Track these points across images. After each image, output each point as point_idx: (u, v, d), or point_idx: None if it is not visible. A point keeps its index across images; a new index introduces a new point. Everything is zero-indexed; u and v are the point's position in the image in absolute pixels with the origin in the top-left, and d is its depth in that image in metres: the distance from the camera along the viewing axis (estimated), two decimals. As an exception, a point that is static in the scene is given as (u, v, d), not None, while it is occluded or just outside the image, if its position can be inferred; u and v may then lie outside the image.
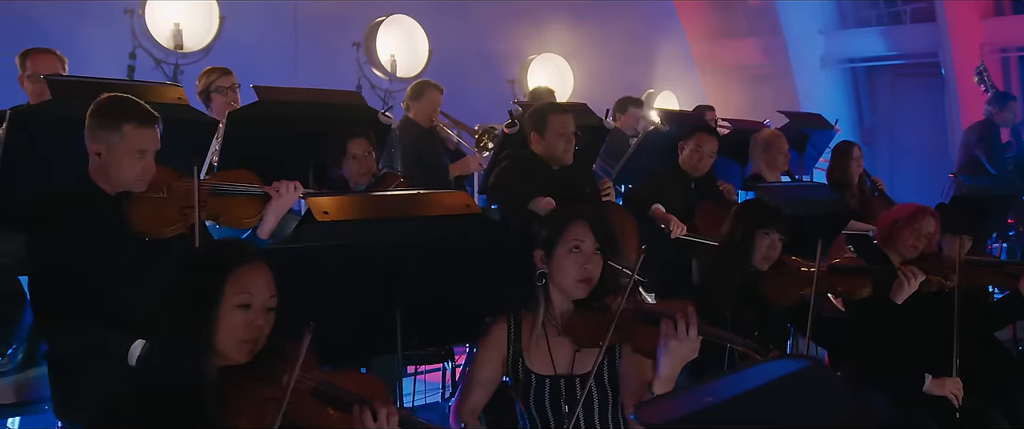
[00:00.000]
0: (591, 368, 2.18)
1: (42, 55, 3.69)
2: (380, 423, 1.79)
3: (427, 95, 4.82)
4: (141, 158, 2.50)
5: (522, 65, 8.08)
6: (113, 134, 2.47)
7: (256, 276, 1.80)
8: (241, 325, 1.76)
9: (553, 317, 2.30)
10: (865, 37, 10.41)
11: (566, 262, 2.26)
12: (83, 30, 5.97)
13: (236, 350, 1.78)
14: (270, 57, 6.77)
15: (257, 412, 1.73)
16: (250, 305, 1.77)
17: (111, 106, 2.49)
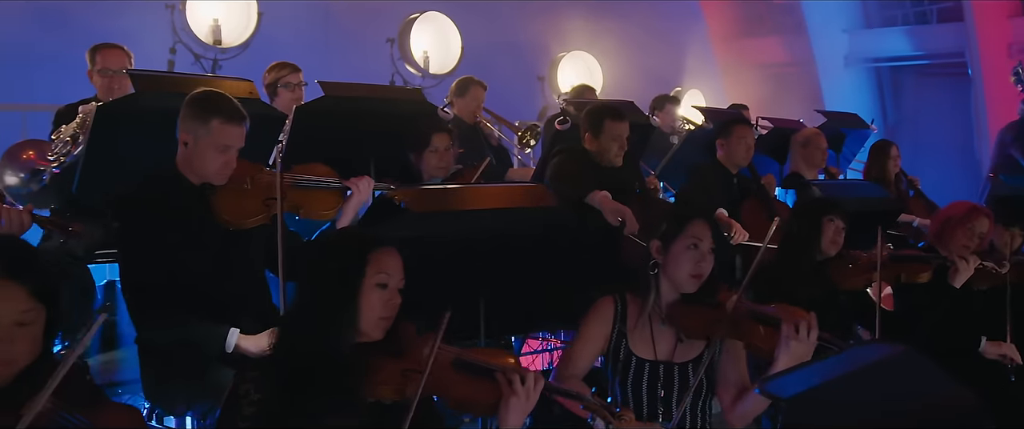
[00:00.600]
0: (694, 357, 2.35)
1: (111, 50, 3.81)
2: (528, 387, 1.91)
3: (471, 91, 4.93)
4: (223, 153, 2.61)
5: (552, 62, 8.18)
6: (201, 127, 2.58)
7: (391, 258, 1.92)
8: (379, 304, 1.89)
9: (660, 305, 2.42)
10: (890, 36, 10.47)
11: (683, 257, 2.38)
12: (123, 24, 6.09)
13: (375, 327, 1.90)
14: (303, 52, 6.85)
15: (399, 384, 1.87)
16: (387, 285, 1.90)
17: (203, 100, 2.61)
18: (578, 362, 2.44)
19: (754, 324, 2.36)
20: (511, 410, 1.92)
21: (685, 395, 2.32)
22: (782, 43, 10.67)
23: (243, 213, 2.66)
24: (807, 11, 10.49)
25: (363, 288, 1.88)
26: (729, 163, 4.53)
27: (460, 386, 1.97)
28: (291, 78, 4.10)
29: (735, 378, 2.43)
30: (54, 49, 5.68)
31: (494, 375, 1.96)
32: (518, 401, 1.91)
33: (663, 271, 2.43)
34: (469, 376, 1.98)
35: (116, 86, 3.70)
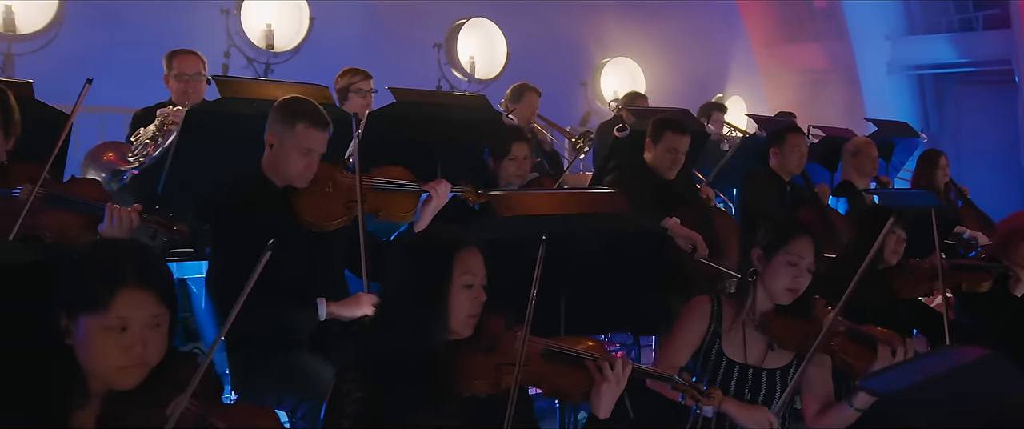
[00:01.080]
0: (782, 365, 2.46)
1: (187, 56, 3.98)
2: (618, 372, 2.02)
3: (527, 98, 5.05)
4: (306, 156, 2.74)
5: (595, 68, 8.30)
6: (287, 130, 2.72)
7: (475, 258, 2.03)
8: (467, 303, 2.00)
9: (754, 312, 2.51)
10: (934, 44, 10.42)
11: (782, 271, 2.47)
12: (179, 28, 6.30)
13: (464, 325, 2.02)
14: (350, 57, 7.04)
15: (494, 378, 1.98)
16: (473, 285, 2.00)
17: (291, 104, 2.75)
18: (677, 355, 2.53)
19: (848, 342, 2.45)
20: (603, 395, 2.04)
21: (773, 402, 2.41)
22: (823, 49, 10.66)
23: (326, 215, 2.79)
24: (849, 17, 10.48)
25: (451, 290, 1.99)
26: (782, 171, 4.61)
27: (552, 376, 2.08)
28: (362, 85, 4.26)
29: (821, 391, 2.51)
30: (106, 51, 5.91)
31: (583, 362, 2.08)
32: (609, 386, 2.03)
33: (761, 279, 2.51)
34: (559, 365, 2.09)
35: (191, 90, 3.86)
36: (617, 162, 3.85)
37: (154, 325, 1.64)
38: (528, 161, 3.71)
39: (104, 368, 1.62)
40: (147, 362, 1.64)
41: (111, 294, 1.60)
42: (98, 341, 1.60)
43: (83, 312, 1.60)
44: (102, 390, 1.65)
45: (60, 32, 5.82)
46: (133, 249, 1.69)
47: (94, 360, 1.62)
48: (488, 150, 3.65)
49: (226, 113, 3.06)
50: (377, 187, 2.90)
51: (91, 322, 1.60)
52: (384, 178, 2.93)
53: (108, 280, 1.61)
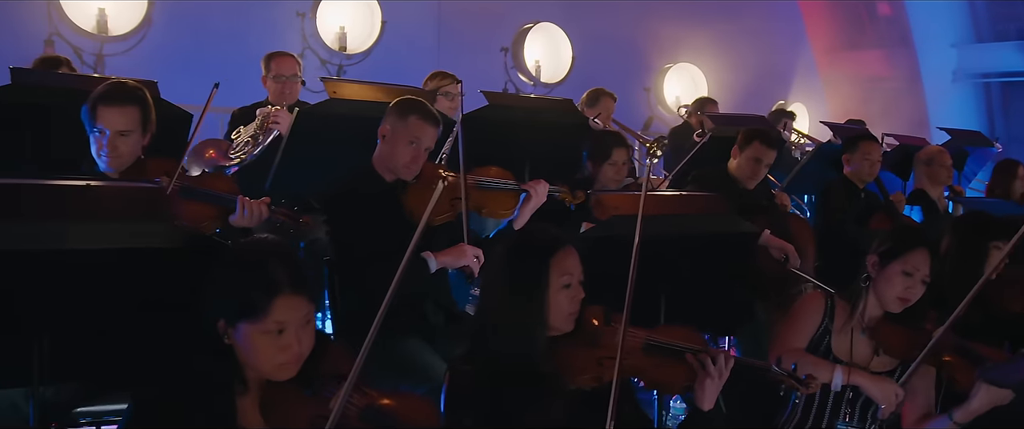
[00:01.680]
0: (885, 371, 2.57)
1: (284, 58, 4.21)
2: (719, 366, 2.13)
3: (602, 102, 5.20)
4: (413, 147, 2.92)
5: (658, 73, 8.42)
6: (400, 121, 2.91)
7: (572, 258, 2.12)
8: (565, 302, 2.10)
9: (864, 316, 2.62)
10: (1002, 51, 10.34)
11: (895, 280, 2.57)
12: (256, 30, 6.58)
13: (564, 322, 2.12)
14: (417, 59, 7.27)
15: (596, 371, 2.10)
16: (570, 284, 2.10)
17: (408, 100, 2.96)
18: (796, 339, 2.64)
19: (960, 359, 2.54)
20: (706, 389, 2.14)
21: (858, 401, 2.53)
22: (886, 56, 10.62)
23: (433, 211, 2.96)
24: (914, 24, 10.43)
25: (550, 292, 2.08)
26: (856, 178, 4.70)
27: (652, 368, 2.19)
28: (450, 88, 4.44)
29: (923, 400, 2.62)
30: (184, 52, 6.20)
31: (684, 355, 2.19)
32: (712, 381, 2.13)
33: (873, 285, 2.61)
34: (660, 358, 2.19)
35: (287, 91, 4.09)
36: (699, 172, 3.97)
37: (305, 323, 1.77)
38: (626, 166, 3.87)
39: (263, 365, 1.75)
40: (302, 356, 1.78)
41: (269, 302, 1.71)
42: (257, 343, 1.72)
43: (242, 320, 1.72)
44: (259, 379, 1.80)
45: (147, 34, 6.12)
46: (285, 256, 1.79)
47: (253, 359, 1.74)
48: (587, 153, 3.82)
49: (334, 114, 3.25)
50: (481, 186, 3.07)
51: (250, 328, 1.71)
52: (487, 177, 3.10)
53: (266, 290, 1.71)
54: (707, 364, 2.14)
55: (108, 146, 2.69)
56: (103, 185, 2.06)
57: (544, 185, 3.11)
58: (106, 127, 2.68)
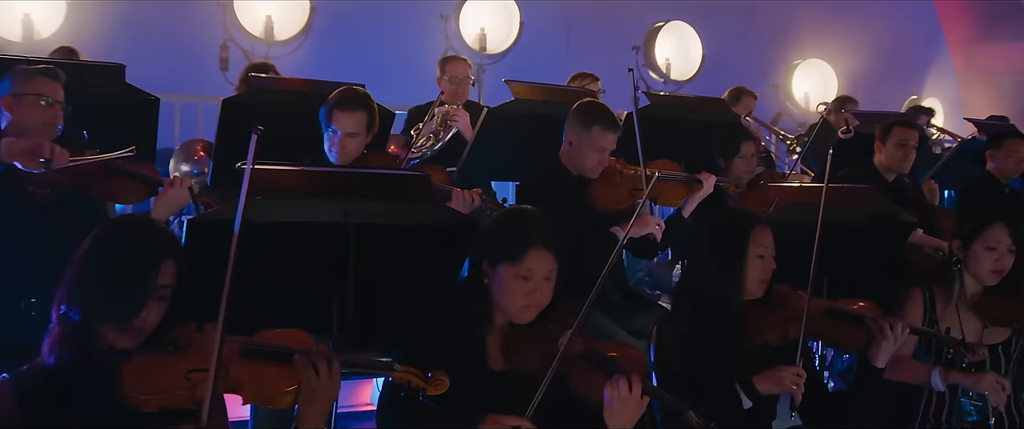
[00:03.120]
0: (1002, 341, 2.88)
1: (458, 62, 4.77)
2: (896, 333, 2.58)
3: (743, 100, 5.57)
4: (599, 153, 3.39)
5: (787, 69, 8.69)
6: (584, 131, 3.39)
7: (767, 235, 2.60)
8: (760, 270, 2.58)
9: (965, 296, 2.95)
10: None
11: (982, 256, 2.88)
12: (404, 31, 7.22)
13: (757, 288, 2.60)
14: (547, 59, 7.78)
15: (783, 330, 2.59)
16: (764, 255, 2.59)
17: (589, 108, 3.42)
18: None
19: None
20: (881, 350, 2.60)
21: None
22: (1027, 49, 10.50)
23: (614, 201, 3.45)
24: (1059, 16, 10.27)
25: (747, 260, 2.57)
26: (1000, 175, 4.91)
27: (831, 329, 2.68)
28: (592, 86, 4.90)
29: None
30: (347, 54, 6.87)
31: (864, 321, 2.63)
32: (888, 344, 2.58)
33: (965, 266, 2.93)
34: (840, 322, 2.68)
35: (461, 91, 4.64)
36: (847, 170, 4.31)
37: (549, 278, 2.24)
38: (755, 158, 4.22)
39: (511, 305, 2.23)
40: (542, 305, 2.24)
41: (525, 251, 2.19)
42: (509, 285, 2.20)
43: (502, 262, 2.21)
44: (504, 322, 2.28)
45: (307, 38, 6.83)
46: (542, 220, 2.29)
47: (504, 299, 2.22)
48: (719, 151, 4.21)
49: (519, 113, 3.77)
50: (659, 177, 3.51)
51: (506, 270, 2.20)
52: (662, 170, 3.55)
53: (523, 240, 2.21)
54: (884, 329, 2.58)
55: (338, 145, 3.26)
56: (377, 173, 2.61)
57: (712, 177, 3.55)
58: (338, 128, 3.26)
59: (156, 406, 1.81)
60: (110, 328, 1.81)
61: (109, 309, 1.80)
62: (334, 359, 1.89)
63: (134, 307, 1.81)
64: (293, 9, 6.70)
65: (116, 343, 1.83)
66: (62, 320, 1.81)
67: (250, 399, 1.92)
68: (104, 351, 1.82)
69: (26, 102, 2.92)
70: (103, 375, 1.79)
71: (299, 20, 6.74)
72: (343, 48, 6.88)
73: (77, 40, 6.05)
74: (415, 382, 2.00)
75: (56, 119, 2.97)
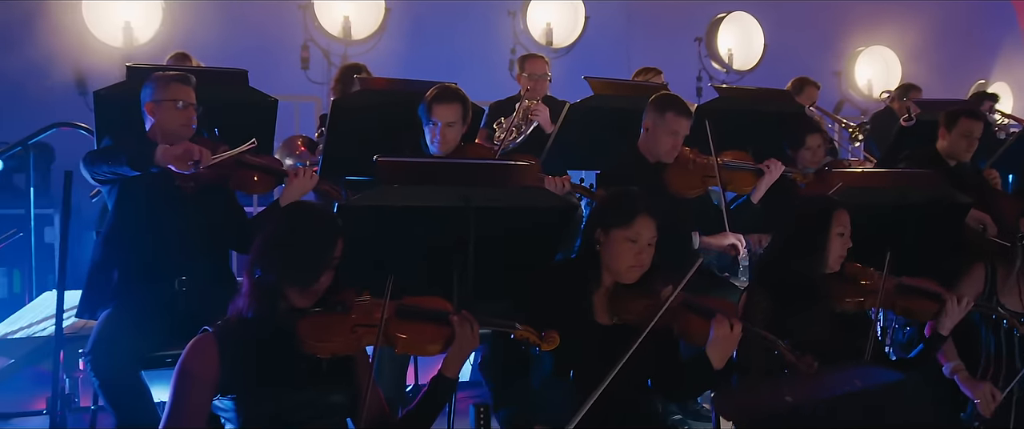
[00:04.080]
0: None
1: (537, 60, 5.23)
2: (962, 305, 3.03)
3: (806, 90, 5.92)
4: (673, 137, 3.82)
5: (849, 56, 8.96)
6: (659, 117, 3.82)
7: (846, 215, 3.03)
8: (839, 247, 3.02)
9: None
10: None
11: None
12: (470, 28, 7.69)
13: (836, 263, 3.04)
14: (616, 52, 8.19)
15: (860, 299, 3.02)
16: (844, 234, 3.02)
17: (664, 97, 3.87)
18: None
19: None
20: (948, 317, 3.04)
21: None
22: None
23: (688, 187, 3.87)
24: None
25: (829, 238, 3.00)
26: (1061, 158, 5.22)
27: (904, 301, 3.13)
28: (656, 79, 5.31)
29: None
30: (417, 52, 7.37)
31: (938, 297, 3.07)
32: (954, 313, 3.02)
33: None
34: (912, 296, 3.12)
35: (539, 87, 5.09)
36: (910, 152, 4.66)
37: (651, 243, 2.74)
38: (821, 149, 4.59)
39: (619, 266, 2.72)
40: (645, 266, 2.74)
41: (633, 217, 2.70)
42: (619, 247, 2.70)
43: (614, 227, 2.71)
44: (610, 282, 2.77)
45: (382, 38, 7.35)
46: (644, 194, 2.80)
47: (614, 260, 2.72)
48: (786, 142, 4.58)
49: (598, 107, 4.21)
50: (727, 166, 3.93)
51: (617, 234, 2.70)
52: (731, 158, 3.96)
53: (632, 208, 2.72)
54: (952, 302, 3.02)
55: (440, 135, 3.73)
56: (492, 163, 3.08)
57: (779, 165, 3.94)
58: (438, 120, 3.73)
59: (328, 353, 2.30)
60: (294, 291, 2.30)
61: (295, 276, 2.29)
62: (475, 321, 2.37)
63: (315, 275, 2.30)
64: (369, 10, 7.21)
65: (297, 303, 2.31)
66: (257, 283, 2.30)
67: (403, 349, 2.41)
68: (287, 309, 2.31)
69: (165, 107, 3.41)
70: (286, 327, 2.28)
71: (375, 20, 7.25)
72: (416, 47, 7.39)
73: (172, 43, 6.67)
74: (532, 339, 2.46)
75: (191, 120, 3.46)
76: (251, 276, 2.31)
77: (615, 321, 2.75)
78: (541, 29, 7.84)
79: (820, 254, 3.01)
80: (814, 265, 3.01)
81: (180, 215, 3.39)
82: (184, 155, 3.20)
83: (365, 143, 3.93)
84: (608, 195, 2.85)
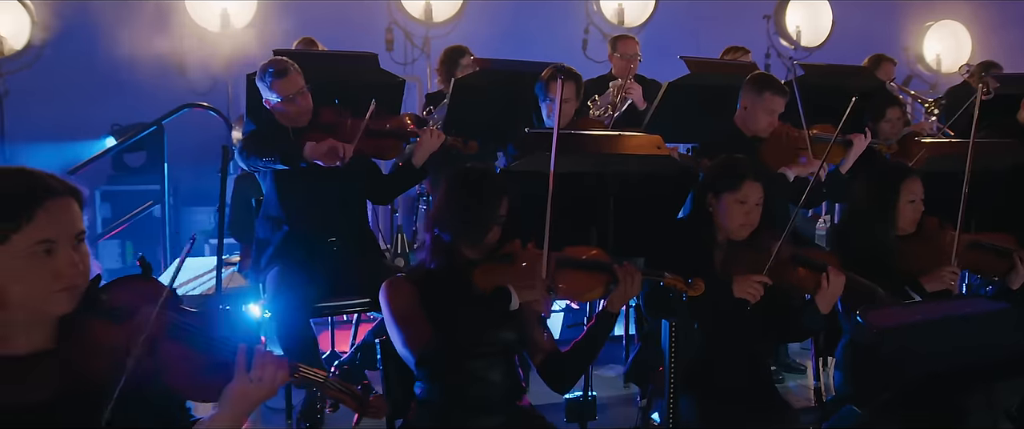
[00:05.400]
0: None
1: (628, 41, 5.74)
2: None
3: (883, 66, 6.34)
4: (770, 115, 4.31)
5: (919, 31, 9.33)
6: (757, 96, 4.31)
7: (917, 185, 3.48)
8: (911, 212, 3.48)
9: None
10: None
11: None
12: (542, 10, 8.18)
13: (910, 226, 3.50)
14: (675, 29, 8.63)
15: (936, 258, 3.46)
16: (915, 201, 3.48)
17: (762, 78, 4.35)
18: None
19: None
20: (1019, 277, 3.47)
21: None
22: None
23: (782, 161, 4.36)
24: None
25: (899, 205, 3.46)
26: None
27: (978, 260, 3.57)
28: (743, 57, 5.78)
29: None
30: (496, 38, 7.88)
31: (1007, 253, 3.49)
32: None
33: None
34: (983, 253, 3.56)
35: (632, 66, 5.59)
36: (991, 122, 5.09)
37: (758, 204, 3.24)
38: (900, 121, 5.05)
39: (730, 225, 3.22)
40: (753, 225, 3.24)
41: (742, 181, 3.19)
42: (730, 208, 3.20)
43: (725, 191, 3.21)
44: (723, 239, 3.27)
45: (461, 21, 7.88)
46: (751, 161, 3.30)
47: (726, 220, 3.21)
48: (868, 115, 5.04)
49: (696, 84, 4.70)
50: (817, 139, 4.41)
51: (728, 197, 3.19)
52: (830, 133, 4.43)
53: (741, 173, 3.21)
54: (1020, 258, 3.46)
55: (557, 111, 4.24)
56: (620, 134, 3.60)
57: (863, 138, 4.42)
58: (555, 96, 4.24)
59: None
60: (467, 245, 2.83)
61: (468, 233, 2.81)
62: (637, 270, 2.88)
63: (485, 231, 2.82)
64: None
65: (470, 255, 2.84)
66: (435, 240, 2.83)
67: (563, 295, 2.94)
68: (463, 261, 2.84)
69: (282, 104, 3.92)
70: (461, 275, 2.80)
71: (455, 4, 7.78)
72: (492, 28, 7.90)
73: (267, 27, 7.29)
74: (680, 285, 2.95)
75: (308, 104, 3.97)
76: (431, 234, 2.85)
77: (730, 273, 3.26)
78: (614, 9, 8.32)
79: (891, 218, 3.46)
80: (887, 229, 3.47)
81: (326, 187, 3.96)
82: (329, 152, 3.76)
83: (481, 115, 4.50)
84: (717, 163, 3.34)
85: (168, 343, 1.83)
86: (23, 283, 1.72)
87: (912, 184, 3.50)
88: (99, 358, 1.79)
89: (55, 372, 1.79)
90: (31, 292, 1.73)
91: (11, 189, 1.72)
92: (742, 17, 8.71)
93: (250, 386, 1.83)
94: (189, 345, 1.85)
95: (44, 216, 1.71)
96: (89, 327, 1.82)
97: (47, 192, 1.73)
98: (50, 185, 1.74)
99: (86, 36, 6.92)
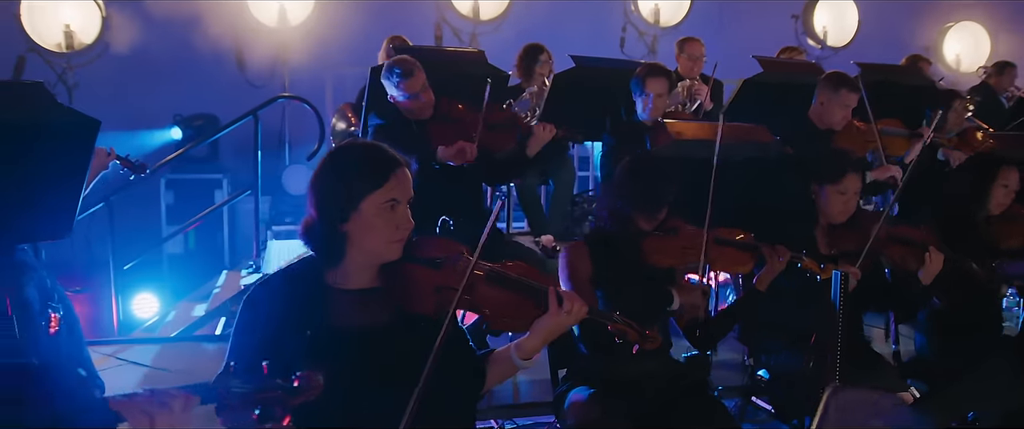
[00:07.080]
0: None
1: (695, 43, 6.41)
2: None
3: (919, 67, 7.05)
4: (845, 110, 4.96)
5: (939, 32, 10.07)
6: (833, 93, 4.94)
7: (1012, 172, 4.13)
8: (1002, 196, 4.13)
9: None
10: None
11: None
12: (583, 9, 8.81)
13: (998, 209, 4.15)
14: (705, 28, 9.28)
15: (1020, 234, 4.12)
16: (1008, 186, 4.14)
17: (837, 76, 4.99)
18: None
19: None
20: None
21: None
22: None
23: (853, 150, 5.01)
24: None
25: (993, 189, 4.12)
26: None
27: None
28: (798, 56, 6.45)
29: None
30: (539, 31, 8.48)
31: None
32: None
33: None
34: None
35: (696, 67, 6.23)
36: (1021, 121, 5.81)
37: (856, 193, 3.85)
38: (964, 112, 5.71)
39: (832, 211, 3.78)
40: (851, 212, 3.85)
41: (843, 173, 3.76)
42: (831, 198, 3.74)
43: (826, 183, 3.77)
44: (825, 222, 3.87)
45: (507, 19, 8.49)
46: (849, 153, 3.94)
47: (828, 206, 3.79)
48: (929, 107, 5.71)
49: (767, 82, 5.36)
50: (886, 132, 5.07)
51: (830, 189, 3.74)
52: (887, 126, 5.10)
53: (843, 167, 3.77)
54: None
55: (652, 104, 4.87)
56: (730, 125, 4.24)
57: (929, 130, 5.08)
58: (651, 91, 4.86)
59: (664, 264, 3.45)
60: (641, 217, 3.43)
61: (647, 205, 3.41)
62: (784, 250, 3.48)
63: (660, 205, 3.42)
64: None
65: (643, 226, 3.45)
66: (615, 209, 3.44)
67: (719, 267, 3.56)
68: (636, 230, 3.44)
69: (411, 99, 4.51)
70: (633, 243, 3.41)
71: (501, 3, 8.39)
72: (536, 26, 8.49)
73: (319, 26, 7.86)
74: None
75: (430, 99, 4.59)
76: (612, 204, 3.47)
77: (833, 252, 3.88)
78: (650, 9, 8.97)
79: (983, 200, 4.12)
80: (979, 210, 4.14)
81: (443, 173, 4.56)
82: (458, 154, 4.40)
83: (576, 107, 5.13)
84: (822, 155, 3.96)
85: (484, 286, 2.43)
86: (374, 231, 2.31)
87: (1008, 172, 4.14)
88: (422, 294, 2.38)
89: (387, 304, 2.38)
90: (378, 240, 2.33)
91: (375, 158, 2.31)
92: (771, 16, 9.40)
93: (561, 317, 2.42)
94: (505, 288, 2.45)
95: (394, 180, 2.31)
96: (407, 271, 2.41)
97: (396, 162, 2.33)
98: (396, 157, 2.34)
99: (150, 31, 7.45)
